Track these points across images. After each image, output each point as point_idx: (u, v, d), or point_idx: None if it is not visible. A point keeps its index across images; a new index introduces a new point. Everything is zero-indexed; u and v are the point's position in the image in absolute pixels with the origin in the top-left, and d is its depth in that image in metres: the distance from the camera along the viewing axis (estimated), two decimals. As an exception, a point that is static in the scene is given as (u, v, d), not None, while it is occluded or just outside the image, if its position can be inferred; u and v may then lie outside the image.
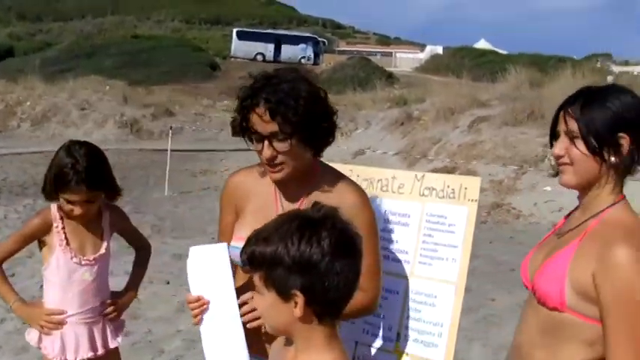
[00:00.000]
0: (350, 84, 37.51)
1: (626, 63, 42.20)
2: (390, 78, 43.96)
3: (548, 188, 11.91)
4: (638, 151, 2.04)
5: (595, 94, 2.09)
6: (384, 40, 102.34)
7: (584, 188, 2.11)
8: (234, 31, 67.76)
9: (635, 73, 26.64)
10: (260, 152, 2.43)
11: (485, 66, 46.35)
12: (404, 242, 2.94)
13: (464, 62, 49.51)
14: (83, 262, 3.22)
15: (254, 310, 2.27)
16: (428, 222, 2.91)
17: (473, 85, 20.85)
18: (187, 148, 21.99)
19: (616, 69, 31.62)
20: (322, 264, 1.72)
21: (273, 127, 2.35)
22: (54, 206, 3.24)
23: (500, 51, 67.36)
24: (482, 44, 74.27)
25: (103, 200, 3.28)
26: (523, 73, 19.01)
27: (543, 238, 2.29)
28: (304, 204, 2.48)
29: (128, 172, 17.02)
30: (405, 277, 2.91)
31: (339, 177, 2.59)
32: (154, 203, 12.89)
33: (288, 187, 2.55)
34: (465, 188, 2.86)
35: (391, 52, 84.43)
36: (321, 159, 2.63)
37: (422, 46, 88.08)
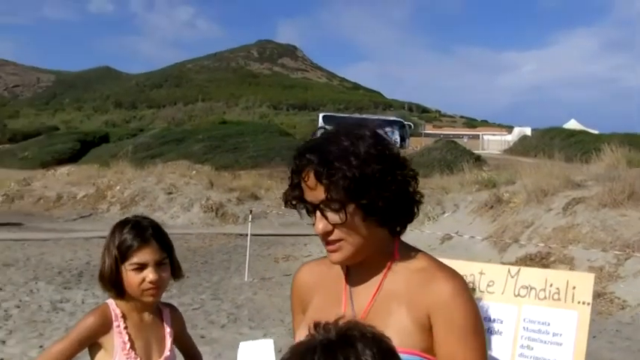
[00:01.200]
0: (437, 167, 37.06)
1: None
2: (478, 160, 43.19)
3: (655, 275, 10.93)
4: None
5: None
6: (471, 123, 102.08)
7: None
8: (320, 115, 68.53)
9: None
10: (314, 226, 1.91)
11: (576, 146, 45.19)
12: (497, 356, 2.34)
13: (554, 143, 48.36)
14: None
15: None
16: (526, 330, 2.31)
17: (565, 165, 19.99)
18: (270, 232, 21.71)
19: None
20: None
21: (322, 193, 1.83)
22: (111, 302, 2.71)
23: (592, 131, 65.75)
24: (572, 124, 72.82)
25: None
26: (619, 151, 18.11)
27: None
28: (377, 298, 1.92)
29: (211, 257, 16.85)
30: (500, 401, 2.30)
31: (425, 262, 1.95)
32: (233, 289, 12.51)
33: (360, 276, 1.98)
34: (574, 287, 2.27)
35: (478, 135, 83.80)
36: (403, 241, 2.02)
37: (510, 128, 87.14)
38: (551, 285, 2.31)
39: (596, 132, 64.30)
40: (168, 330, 2.80)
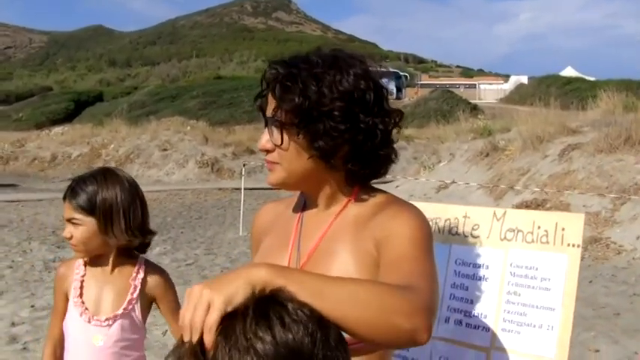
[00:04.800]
0: (433, 117, 36.84)
1: None
2: (474, 110, 42.91)
3: (652, 219, 10.84)
4: None
5: None
6: (467, 73, 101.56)
7: None
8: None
9: None
10: None
11: (573, 93, 44.98)
12: (481, 303, 2.21)
13: (550, 90, 48.00)
14: (93, 322, 2.52)
15: None
16: (513, 275, 2.16)
17: (561, 113, 19.79)
18: (265, 186, 21.62)
19: None
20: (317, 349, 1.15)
21: (273, 108, 1.70)
22: None
23: (588, 78, 65.35)
24: (568, 71, 72.42)
25: (141, 259, 2.66)
26: (615, 97, 17.89)
27: None
28: (324, 239, 1.75)
29: (205, 212, 16.78)
30: (484, 350, 2.17)
31: (382, 199, 1.77)
32: (227, 244, 12.44)
33: (314, 218, 1.81)
34: (563, 229, 2.12)
35: (475, 84, 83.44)
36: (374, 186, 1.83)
37: (506, 77, 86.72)
38: (539, 227, 2.17)
39: (592, 79, 63.90)
40: (133, 289, 2.61)
